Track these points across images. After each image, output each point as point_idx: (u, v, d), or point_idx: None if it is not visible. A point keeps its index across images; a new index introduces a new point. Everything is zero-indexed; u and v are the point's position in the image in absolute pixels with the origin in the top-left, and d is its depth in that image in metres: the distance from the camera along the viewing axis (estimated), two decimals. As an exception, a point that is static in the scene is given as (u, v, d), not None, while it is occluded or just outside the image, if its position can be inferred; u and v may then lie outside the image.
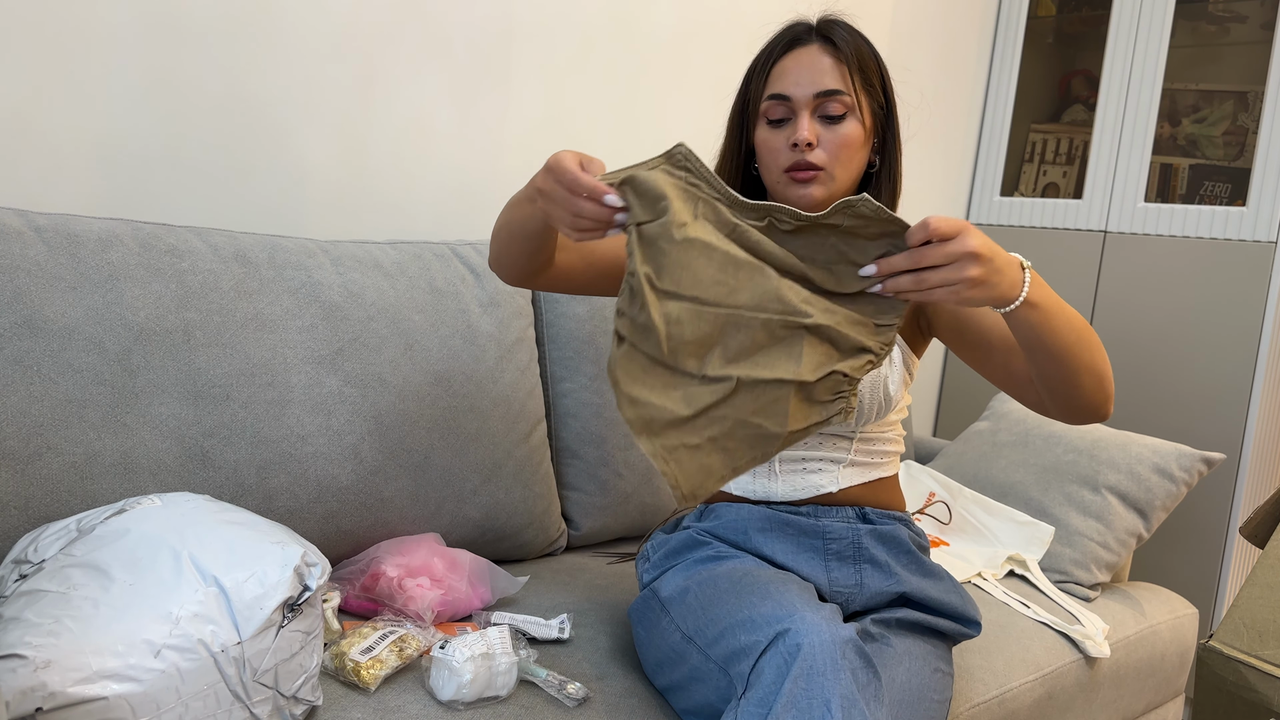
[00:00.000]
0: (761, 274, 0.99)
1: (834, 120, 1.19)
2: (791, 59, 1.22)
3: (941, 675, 1.20)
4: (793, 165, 1.19)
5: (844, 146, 1.19)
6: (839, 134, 1.19)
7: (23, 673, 0.83)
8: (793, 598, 1.06)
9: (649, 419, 0.97)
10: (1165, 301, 2.34)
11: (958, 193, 2.70)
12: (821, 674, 0.96)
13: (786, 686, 0.96)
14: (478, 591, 1.30)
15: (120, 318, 1.21)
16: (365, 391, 1.37)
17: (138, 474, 1.19)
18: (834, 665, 0.97)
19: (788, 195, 1.22)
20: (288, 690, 0.95)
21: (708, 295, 0.98)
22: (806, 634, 0.99)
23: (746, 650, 1.02)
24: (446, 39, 1.73)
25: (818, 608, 1.05)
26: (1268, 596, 1.56)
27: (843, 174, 1.21)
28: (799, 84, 1.20)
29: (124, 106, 1.42)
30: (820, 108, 1.19)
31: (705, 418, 0.99)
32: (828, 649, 0.98)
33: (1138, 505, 1.81)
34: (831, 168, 1.19)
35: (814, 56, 1.20)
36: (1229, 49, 2.43)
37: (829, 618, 1.02)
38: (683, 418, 0.98)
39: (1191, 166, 2.42)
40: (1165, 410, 2.33)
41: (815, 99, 1.19)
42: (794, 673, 0.97)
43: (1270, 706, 1.47)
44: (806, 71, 1.20)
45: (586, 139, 1.95)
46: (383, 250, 1.49)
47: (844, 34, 1.21)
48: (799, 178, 1.20)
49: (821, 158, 1.19)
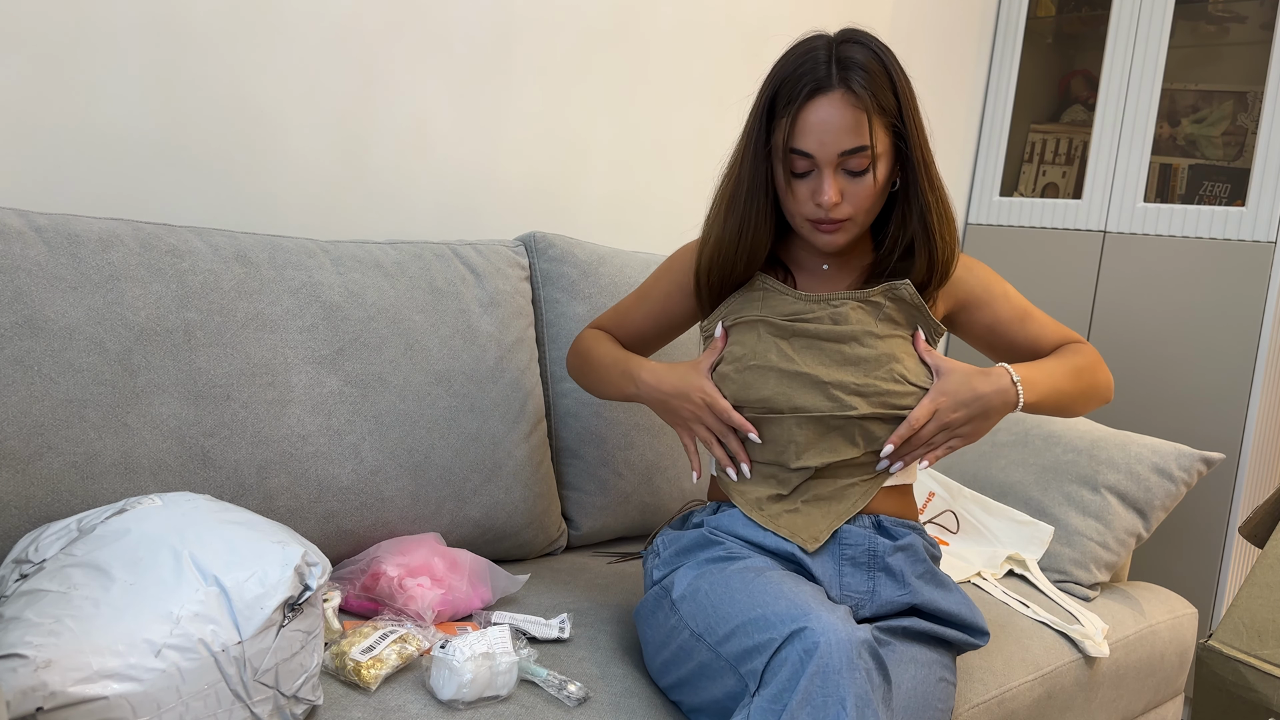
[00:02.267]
0: (814, 381, 1.24)
1: (858, 174, 1.22)
2: (814, 112, 1.20)
3: (946, 685, 1.20)
4: (817, 219, 1.24)
5: (867, 196, 1.23)
6: (863, 186, 1.22)
7: (23, 672, 0.83)
8: (806, 597, 1.07)
9: (756, 499, 1.29)
10: (1165, 301, 2.35)
11: (957, 193, 2.71)
12: (837, 672, 0.97)
13: (803, 684, 0.97)
14: (478, 591, 1.30)
15: (121, 318, 1.21)
16: (365, 391, 1.37)
17: (138, 474, 1.19)
18: (850, 664, 0.98)
19: (812, 238, 1.27)
20: (288, 690, 0.95)
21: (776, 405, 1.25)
22: (824, 632, 0.99)
23: (760, 648, 1.03)
24: (446, 39, 1.73)
25: (832, 608, 1.05)
26: (1267, 596, 1.56)
27: (868, 218, 1.27)
28: (823, 144, 1.20)
29: (124, 106, 1.42)
30: (844, 164, 1.21)
31: (797, 492, 1.28)
32: (844, 648, 0.98)
33: (1137, 505, 1.81)
34: (857, 216, 1.24)
35: (836, 110, 1.19)
36: (1228, 49, 2.43)
37: (844, 618, 1.03)
38: (782, 495, 1.28)
39: (1191, 166, 2.42)
40: (1165, 410, 2.33)
41: (840, 157, 1.21)
42: (810, 670, 0.97)
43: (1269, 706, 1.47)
44: (830, 131, 1.19)
45: (587, 138, 1.95)
46: (383, 250, 1.49)
47: (861, 71, 1.19)
48: (824, 229, 1.25)
49: (846, 211, 1.23)
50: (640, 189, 2.07)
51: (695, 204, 2.16)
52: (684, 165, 2.13)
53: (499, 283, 1.57)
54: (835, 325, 1.27)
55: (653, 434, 1.69)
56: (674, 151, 2.11)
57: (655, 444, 1.69)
